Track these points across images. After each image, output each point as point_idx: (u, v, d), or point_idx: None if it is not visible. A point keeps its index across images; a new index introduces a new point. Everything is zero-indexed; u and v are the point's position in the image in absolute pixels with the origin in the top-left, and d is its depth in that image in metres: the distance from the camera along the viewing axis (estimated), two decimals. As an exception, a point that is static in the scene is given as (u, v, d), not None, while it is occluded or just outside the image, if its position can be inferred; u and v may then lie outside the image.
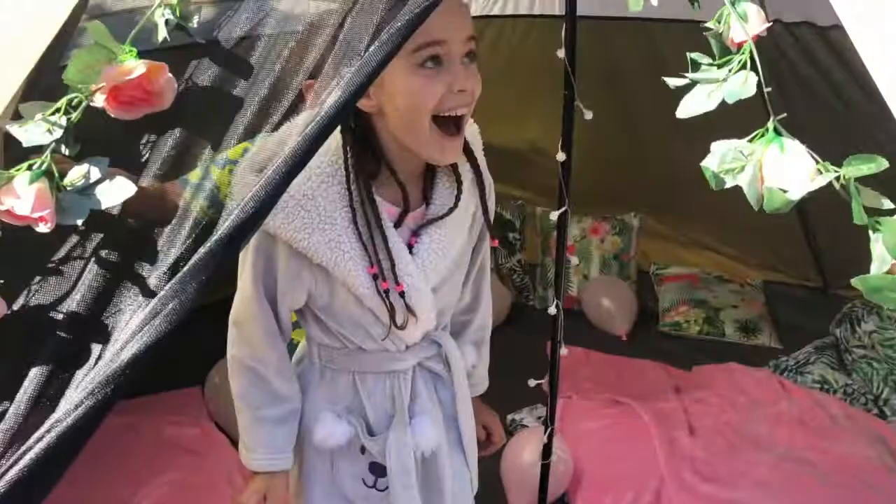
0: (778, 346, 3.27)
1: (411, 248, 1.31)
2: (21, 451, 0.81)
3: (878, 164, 0.77)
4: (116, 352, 0.84)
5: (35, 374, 0.85)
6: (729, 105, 0.83)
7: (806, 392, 2.87)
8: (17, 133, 0.84)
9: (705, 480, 2.46)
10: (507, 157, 3.23)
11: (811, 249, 3.36)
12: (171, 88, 0.90)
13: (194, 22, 0.92)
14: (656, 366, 3.16)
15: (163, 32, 0.88)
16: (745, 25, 0.85)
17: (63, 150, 0.85)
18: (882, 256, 0.74)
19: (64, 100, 0.86)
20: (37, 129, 0.84)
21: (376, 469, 1.40)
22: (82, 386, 0.83)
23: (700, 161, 0.85)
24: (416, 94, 1.15)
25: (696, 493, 2.43)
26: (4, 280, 0.84)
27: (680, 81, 0.87)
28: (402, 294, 1.27)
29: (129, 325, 0.85)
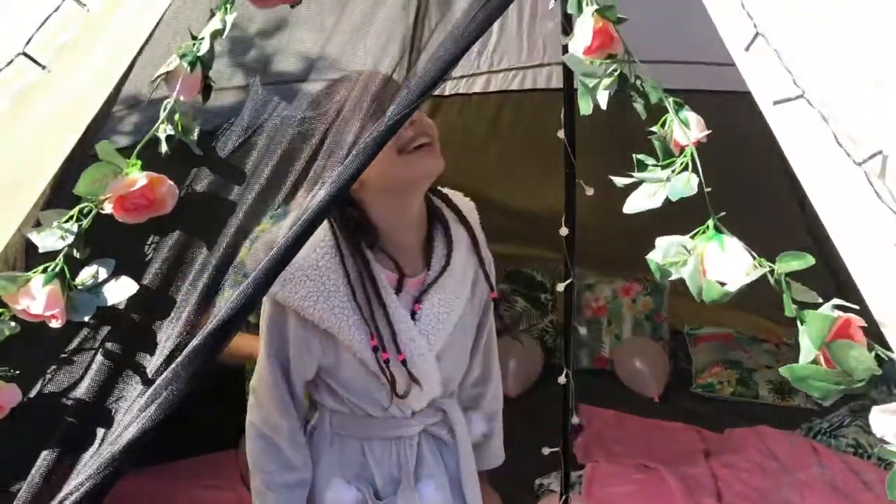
0: (813, 407, 3.22)
1: (414, 314, 1.39)
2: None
3: (807, 261, 0.82)
4: (118, 435, 0.93)
5: (46, 455, 0.95)
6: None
7: (840, 457, 2.82)
8: (35, 239, 0.96)
9: (732, 548, 2.44)
10: (538, 220, 3.31)
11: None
12: (172, 195, 1.01)
13: (194, 135, 1.03)
14: (688, 428, 3.15)
15: (164, 146, 1.00)
16: (687, 131, 0.93)
17: (74, 254, 0.96)
18: (808, 348, 0.79)
19: (76, 209, 0.97)
20: (51, 235, 0.95)
21: None
22: (88, 466, 0.93)
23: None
24: (397, 160, 1.27)
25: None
26: (22, 370, 0.95)
27: (627, 180, 0.95)
28: (404, 362, 1.35)
29: (129, 410, 0.94)
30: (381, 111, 1.02)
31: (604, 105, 0.95)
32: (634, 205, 0.93)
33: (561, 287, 1.82)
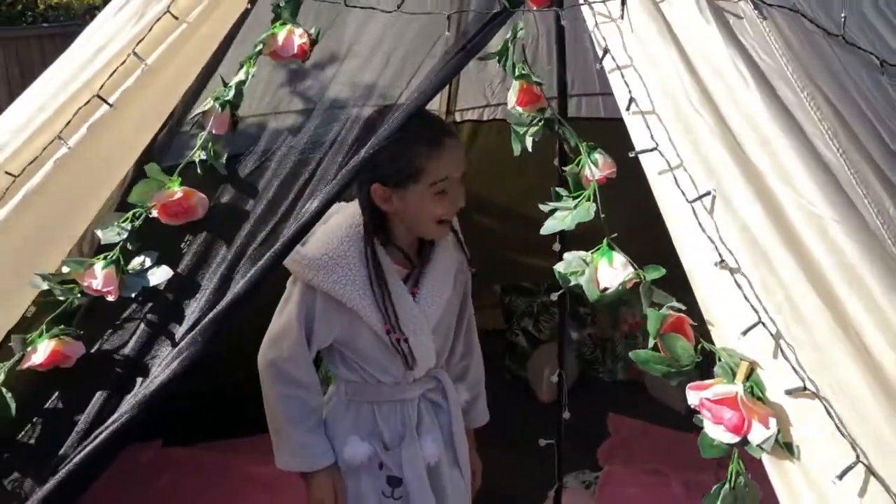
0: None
1: (415, 296, 1.69)
2: (84, 448, 1.22)
3: (660, 272, 1.06)
4: (150, 383, 1.24)
5: (99, 395, 1.27)
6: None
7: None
8: (100, 234, 1.28)
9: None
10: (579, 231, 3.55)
11: None
12: (203, 205, 1.32)
13: (223, 159, 1.34)
14: (707, 439, 3.30)
15: (199, 168, 1.31)
16: (594, 169, 1.18)
17: (128, 246, 1.28)
18: (649, 338, 1.04)
19: (130, 213, 1.29)
20: (111, 232, 1.27)
21: (393, 482, 1.74)
22: (127, 403, 1.24)
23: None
24: (431, 210, 1.59)
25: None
26: (85, 331, 1.27)
27: (547, 208, 1.20)
28: (406, 341, 1.64)
29: (160, 365, 1.25)
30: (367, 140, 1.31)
31: (529, 147, 1.21)
32: (549, 226, 1.19)
33: (555, 296, 2.07)
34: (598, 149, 1.20)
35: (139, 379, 1.27)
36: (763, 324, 0.91)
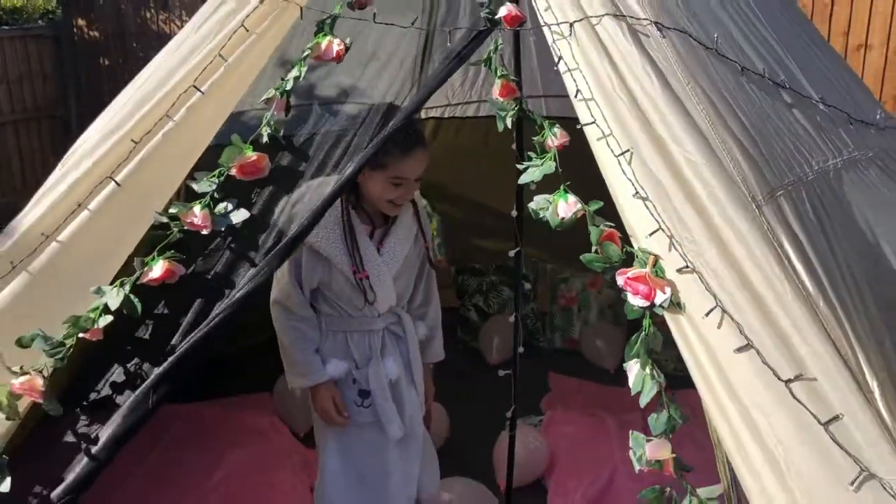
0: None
1: (380, 250, 2.23)
2: (188, 340, 1.69)
3: (598, 204, 1.60)
4: (233, 295, 1.73)
5: (197, 306, 1.74)
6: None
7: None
8: (195, 186, 1.76)
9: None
10: (524, 222, 4.09)
11: None
12: (267, 166, 1.81)
13: (281, 133, 1.84)
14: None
15: (265, 138, 1.80)
16: (553, 139, 1.71)
17: (215, 195, 1.76)
18: (593, 244, 1.57)
19: (217, 171, 1.77)
20: (204, 184, 1.75)
21: (363, 394, 2.27)
22: (218, 308, 1.72)
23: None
24: (385, 193, 2.13)
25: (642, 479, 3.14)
26: (186, 257, 1.74)
27: (522, 166, 1.73)
28: (367, 279, 2.17)
29: (237, 285, 1.74)
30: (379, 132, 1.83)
31: (510, 126, 1.75)
32: (524, 177, 1.72)
33: (511, 253, 2.62)
34: (556, 124, 1.74)
35: (227, 290, 1.75)
36: (662, 230, 1.46)
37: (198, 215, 1.73)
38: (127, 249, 1.75)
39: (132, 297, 1.66)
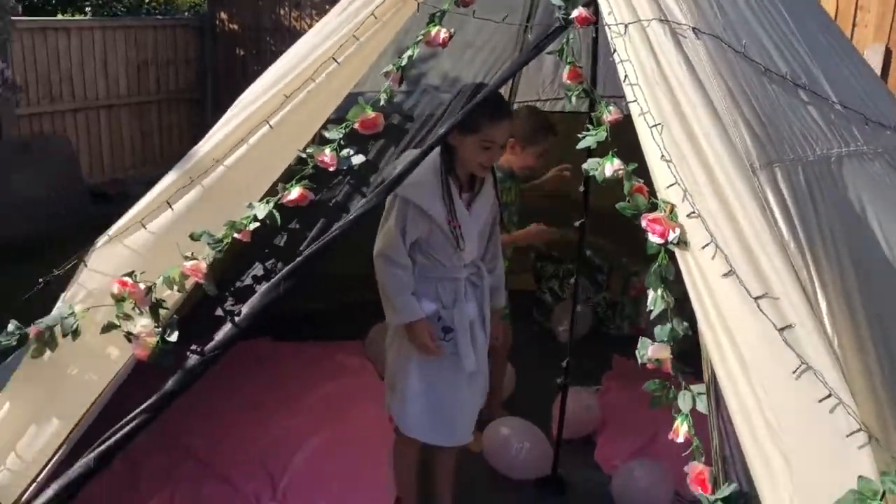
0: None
1: (469, 208, 2.72)
2: (321, 240, 2.24)
3: (634, 165, 2.05)
4: (347, 218, 2.26)
5: (320, 223, 2.29)
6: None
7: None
8: (326, 133, 2.31)
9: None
10: (604, 215, 4.51)
11: None
12: (382, 123, 2.34)
13: (394, 99, 2.37)
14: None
15: (383, 102, 2.34)
16: (607, 114, 2.17)
17: (341, 142, 2.30)
18: (627, 193, 2.01)
19: (344, 124, 2.32)
20: (333, 133, 2.30)
21: (446, 330, 2.76)
22: (337, 224, 2.26)
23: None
24: (476, 156, 2.62)
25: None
26: (317, 187, 2.28)
27: (582, 135, 2.20)
28: (459, 229, 2.65)
29: (353, 210, 2.27)
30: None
31: (573, 102, 2.23)
32: (583, 143, 2.18)
33: (577, 223, 3.07)
34: (612, 103, 2.20)
35: (343, 215, 2.29)
36: (678, 183, 1.90)
37: (327, 156, 2.27)
38: (274, 176, 2.31)
39: (274, 211, 2.21)
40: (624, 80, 2.08)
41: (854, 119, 2.30)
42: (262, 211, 2.21)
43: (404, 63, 2.35)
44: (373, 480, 3.08)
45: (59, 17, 8.44)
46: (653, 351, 1.91)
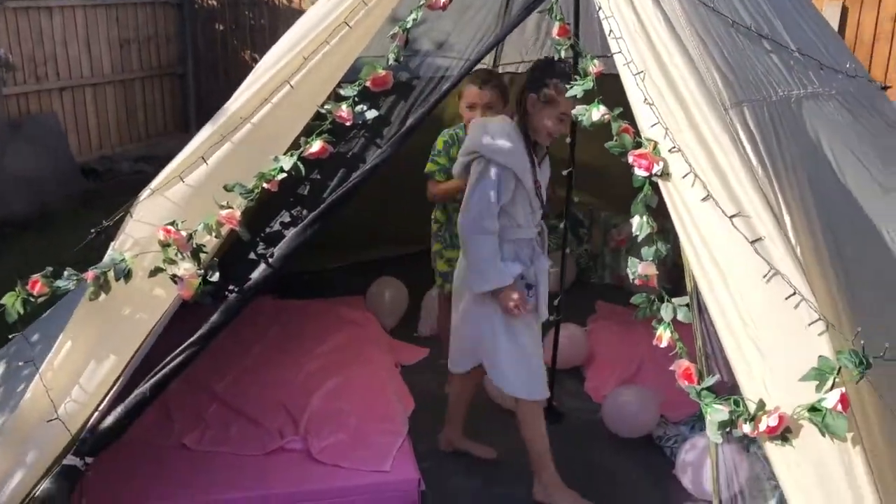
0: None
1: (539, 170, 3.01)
2: (343, 187, 2.49)
3: (619, 110, 2.32)
4: (364, 168, 2.51)
5: (340, 173, 2.54)
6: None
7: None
8: (342, 91, 2.55)
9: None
10: (585, 171, 4.80)
11: None
12: (391, 81, 2.59)
13: (401, 58, 2.62)
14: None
15: (391, 60, 2.58)
16: (593, 67, 2.44)
17: (355, 98, 2.54)
18: (615, 133, 2.29)
19: (357, 82, 2.56)
20: (348, 90, 2.54)
21: (528, 287, 3.01)
22: (354, 172, 2.51)
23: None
24: (550, 125, 2.90)
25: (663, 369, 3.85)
26: (335, 140, 2.53)
27: (570, 85, 2.46)
28: (540, 189, 2.95)
29: (368, 160, 2.52)
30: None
31: (563, 55, 2.49)
32: (570, 92, 2.44)
33: (565, 172, 3.35)
34: (598, 57, 2.46)
35: (360, 165, 2.54)
36: (660, 123, 2.17)
37: (344, 111, 2.52)
38: (296, 131, 2.55)
39: (299, 163, 2.46)
40: (609, 33, 2.34)
41: (810, 65, 2.59)
42: (287, 163, 2.46)
43: (409, 25, 2.59)
44: (385, 412, 3.37)
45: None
46: (642, 269, 2.20)
